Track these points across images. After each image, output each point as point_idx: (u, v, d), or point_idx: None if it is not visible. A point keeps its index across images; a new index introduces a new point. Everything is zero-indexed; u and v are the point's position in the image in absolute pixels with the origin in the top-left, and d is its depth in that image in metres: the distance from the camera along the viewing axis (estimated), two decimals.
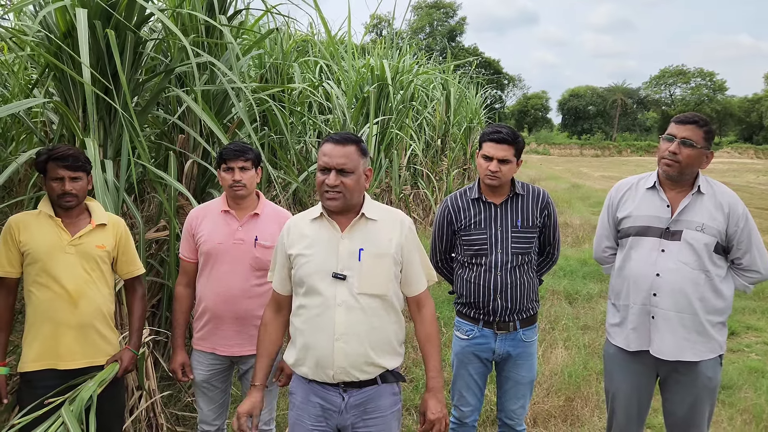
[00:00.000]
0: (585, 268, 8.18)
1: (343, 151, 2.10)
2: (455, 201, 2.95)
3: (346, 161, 2.10)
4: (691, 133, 2.52)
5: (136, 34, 3.25)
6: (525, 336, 2.89)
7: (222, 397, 2.95)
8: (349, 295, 2.13)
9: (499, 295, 2.82)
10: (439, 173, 11.67)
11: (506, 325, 2.85)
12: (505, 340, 2.87)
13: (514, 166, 2.81)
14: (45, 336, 2.48)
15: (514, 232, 2.83)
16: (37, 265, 2.46)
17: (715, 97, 76.14)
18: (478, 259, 2.86)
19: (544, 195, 2.93)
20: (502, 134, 2.76)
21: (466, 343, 2.91)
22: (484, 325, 2.87)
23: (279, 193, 4.78)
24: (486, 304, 2.84)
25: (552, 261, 3.10)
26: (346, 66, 7.24)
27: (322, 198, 2.16)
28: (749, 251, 2.56)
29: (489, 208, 2.86)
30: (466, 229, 2.87)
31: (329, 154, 2.10)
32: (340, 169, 2.10)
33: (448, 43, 36.02)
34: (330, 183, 2.10)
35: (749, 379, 4.67)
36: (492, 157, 2.76)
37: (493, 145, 2.77)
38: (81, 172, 2.50)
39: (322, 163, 2.12)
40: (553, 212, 2.95)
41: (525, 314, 2.88)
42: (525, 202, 2.88)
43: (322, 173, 2.13)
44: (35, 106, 3.56)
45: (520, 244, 2.84)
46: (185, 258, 2.88)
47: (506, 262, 2.82)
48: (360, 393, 2.19)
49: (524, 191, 2.90)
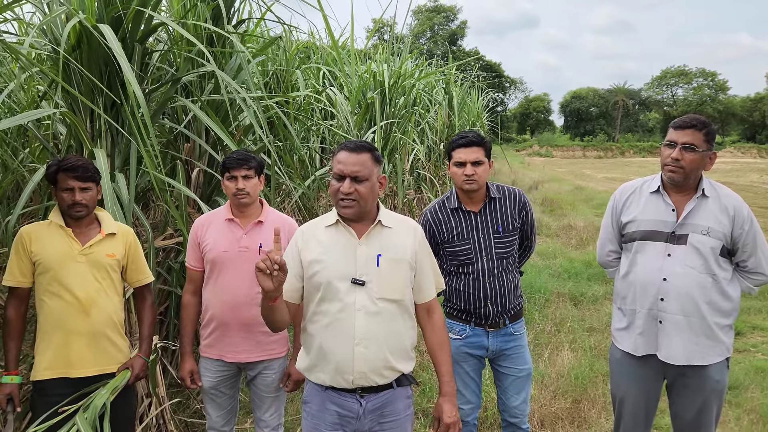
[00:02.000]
0: (589, 270, 8.18)
1: (358, 159, 2.12)
2: (435, 213, 2.98)
3: (360, 169, 2.12)
4: (691, 138, 2.53)
5: (142, 45, 3.29)
6: (514, 329, 2.97)
7: (230, 403, 2.97)
8: (368, 300, 2.14)
9: (489, 301, 2.88)
10: (442, 177, 11.69)
11: (497, 323, 2.93)
12: (497, 337, 2.93)
13: (487, 167, 2.87)
14: (57, 344, 2.50)
15: (496, 238, 2.89)
16: (49, 274, 2.49)
17: (717, 97, 76.00)
18: (465, 269, 2.91)
19: (520, 195, 3.00)
20: (468, 138, 2.85)
21: (459, 342, 2.96)
22: (475, 325, 2.94)
23: (282, 200, 4.81)
24: (477, 309, 2.91)
25: (530, 252, 3.21)
26: (348, 71, 7.28)
27: (336, 205, 2.18)
28: (754, 254, 2.57)
29: (468, 217, 2.91)
30: (450, 241, 2.92)
31: (344, 162, 2.12)
32: (354, 177, 2.11)
33: (449, 47, 36.04)
34: (344, 191, 2.12)
35: (756, 379, 4.67)
36: (464, 161, 2.82)
37: (463, 150, 2.84)
38: (90, 182, 2.53)
39: (337, 170, 2.14)
40: (529, 210, 3.03)
41: (513, 311, 2.96)
42: (503, 206, 2.93)
43: (336, 180, 2.15)
44: (44, 117, 3.60)
45: (504, 249, 2.90)
46: (191, 266, 2.91)
47: (492, 268, 2.88)
48: (377, 398, 2.20)
49: (500, 194, 2.95)
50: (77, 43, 3.01)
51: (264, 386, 2.91)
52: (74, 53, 3.02)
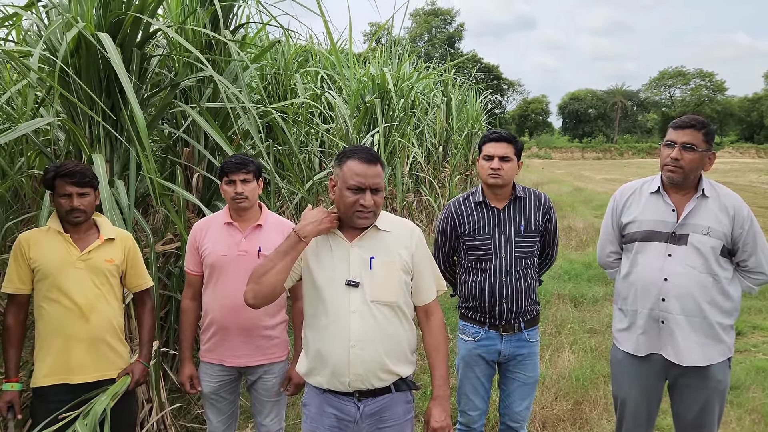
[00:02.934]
0: (590, 271, 8.18)
1: (376, 171, 2.11)
2: (458, 206, 2.97)
3: (380, 181, 2.12)
4: (690, 138, 2.53)
5: (141, 51, 3.29)
6: (529, 336, 2.93)
7: (231, 408, 2.96)
8: (362, 303, 2.14)
9: (504, 300, 2.85)
10: (442, 180, 11.69)
11: (511, 326, 2.88)
12: (511, 341, 2.89)
13: (515, 165, 2.85)
14: (57, 351, 2.50)
15: (517, 236, 2.86)
16: (48, 280, 2.49)
17: (715, 97, 76.23)
18: (483, 264, 2.88)
19: (546, 199, 2.97)
20: (501, 134, 2.87)
21: (472, 345, 2.93)
22: (490, 327, 2.90)
23: (282, 204, 4.80)
24: (492, 308, 2.87)
25: (551, 262, 3.16)
26: (347, 75, 7.29)
27: (352, 216, 2.14)
28: (755, 253, 2.57)
29: (492, 213, 2.89)
30: (470, 234, 2.90)
31: (363, 175, 2.09)
32: (374, 189, 2.11)
33: (448, 50, 36.10)
34: (367, 204, 2.10)
35: (757, 379, 4.66)
36: (493, 155, 2.82)
37: (493, 144, 2.84)
38: (88, 187, 2.53)
39: (356, 182, 2.09)
40: (553, 216, 3.00)
41: (529, 315, 2.92)
42: (527, 206, 2.91)
43: (354, 193, 2.10)
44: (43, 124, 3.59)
45: (524, 248, 2.87)
46: (190, 271, 2.90)
47: (510, 266, 2.84)
48: (375, 402, 2.20)
49: (526, 194, 2.93)
50: (75, 49, 3.01)
51: (264, 390, 2.90)
52: (72, 59, 3.02)
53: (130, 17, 3.06)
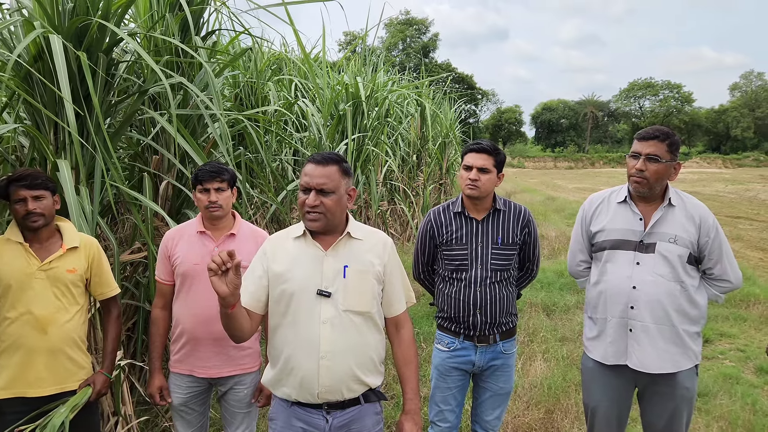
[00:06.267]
0: (562, 279, 8.26)
1: (324, 171, 2.10)
2: (438, 215, 2.97)
3: (327, 181, 2.09)
4: (654, 149, 2.57)
5: (108, 56, 3.23)
6: (504, 348, 2.93)
7: (200, 420, 2.90)
8: (334, 312, 2.11)
9: (478, 311, 2.84)
10: (416, 188, 11.72)
11: (486, 338, 2.88)
12: (485, 353, 2.89)
13: (494, 177, 2.85)
14: (15, 364, 2.43)
15: (494, 248, 2.86)
16: (7, 292, 2.42)
17: (683, 108, 78.09)
18: (459, 274, 2.88)
19: (526, 213, 2.97)
20: (482, 145, 2.86)
21: (447, 354, 2.93)
22: (464, 338, 2.89)
23: (256, 212, 4.75)
24: (465, 318, 2.86)
25: (531, 276, 3.14)
26: (321, 83, 7.27)
27: (303, 218, 2.15)
28: (720, 261, 2.61)
29: (470, 223, 2.89)
30: (447, 244, 2.90)
31: (310, 174, 2.10)
32: (320, 189, 2.09)
33: (422, 59, 36.35)
34: (310, 203, 2.09)
35: (724, 386, 4.74)
36: (471, 166, 2.82)
37: (473, 155, 2.84)
38: (42, 190, 2.46)
39: (303, 182, 2.12)
40: (533, 230, 2.99)
41: (504, 327, 2.90)
42: (506, 219, 2.91)
43: (303, 193, 2.13)
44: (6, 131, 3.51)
45: (500, 261, 2.87)
46: (161, 280, 2.84)
47: (486, 277, 2.84)
48: (344, 414, 2.17)
49: (505, 207, 2.93)
50: (38, 54, 2.94)
51: (236, 402, 2.85)
52: (36, 64, 2.95)
53: (94, 23, 3.00)
